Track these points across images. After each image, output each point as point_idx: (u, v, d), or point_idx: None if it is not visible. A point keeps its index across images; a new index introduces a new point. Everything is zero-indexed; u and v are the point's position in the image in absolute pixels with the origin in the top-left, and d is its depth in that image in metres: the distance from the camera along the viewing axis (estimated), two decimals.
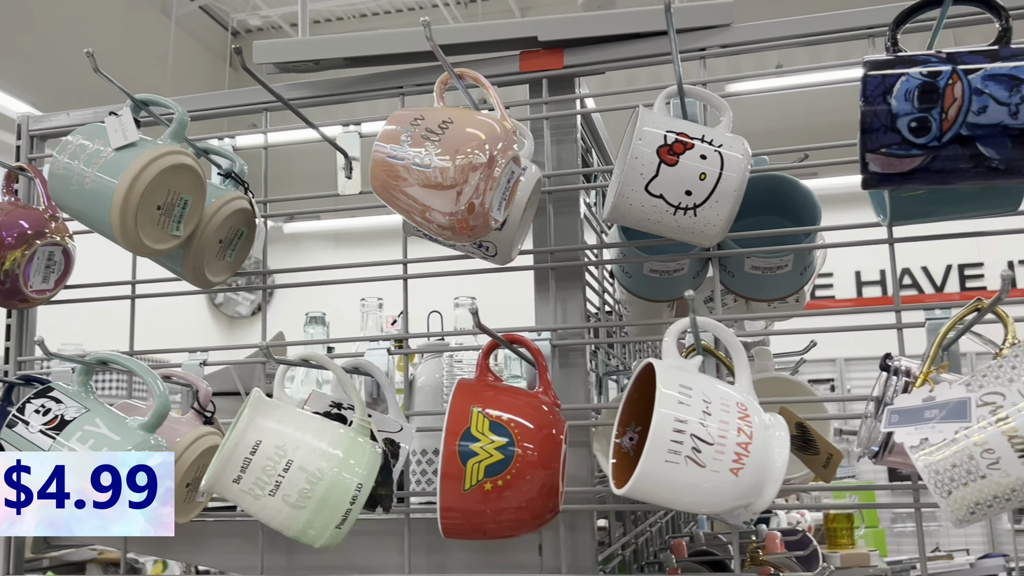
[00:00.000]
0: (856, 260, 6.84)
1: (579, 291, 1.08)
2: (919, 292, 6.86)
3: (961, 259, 6.75)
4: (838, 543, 3.23)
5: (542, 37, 1.06)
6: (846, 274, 6.91)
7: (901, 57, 0.79)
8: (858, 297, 6.90)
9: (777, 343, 1.79)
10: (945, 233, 0.95)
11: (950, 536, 6.32)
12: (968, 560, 5.24)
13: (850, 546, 3.24)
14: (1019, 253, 6.60)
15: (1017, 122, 0.74)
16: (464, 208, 0.85)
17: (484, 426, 0.84)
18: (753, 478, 0.78)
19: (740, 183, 0.90)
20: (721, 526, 2.05)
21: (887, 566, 3.67)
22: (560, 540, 1.02)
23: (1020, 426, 0.71)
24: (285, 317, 2.01)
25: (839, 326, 1.01)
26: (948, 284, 6.84)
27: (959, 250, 6.67)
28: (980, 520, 0.75)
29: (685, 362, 0.85)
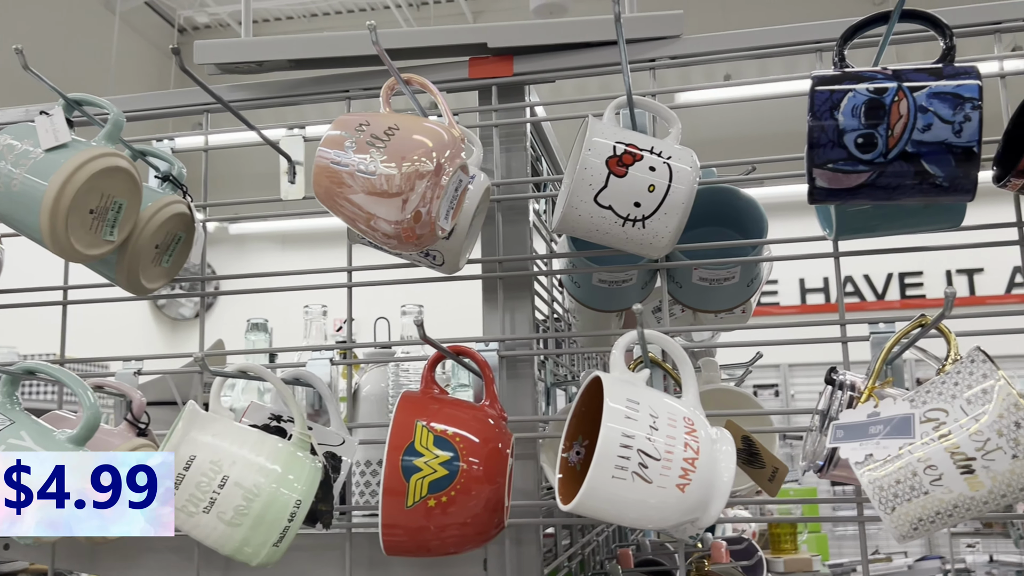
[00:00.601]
0: (800, 268, 6.96)
1: (528, 301, 1.06)
2: (861, 300, 7.01)
3: (902, 268, 6.91)
4: (781, 548, 3.27)
5: (492, 44, 1.05)
6: (790, 281, 7.03)
7: (848, 73, 0.79)
8: (802, 304, 7.02)
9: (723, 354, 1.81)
10: (888, 248, 0.96)
11: (889, 539, 6.46)
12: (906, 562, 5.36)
13: (793, 551, 3.29)
14: (957, 263, 6.79)
15: (960, 140, 0.74)
16: (410, 216, 0.83)
17: (428, 441, 0.82)
18: (700, 493, 0.78)
19: (688, 195, 0.90)
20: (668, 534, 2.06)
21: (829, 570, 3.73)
22: (506, 554, 1.01)
23: (962, 442, 0.72)
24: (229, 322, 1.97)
25: (785, 338, 1.01)
26: (889, 292, 6.99)
27: (900, 259, 6.82)
28: (923, 536, 0.75)
29: (633, 375, 0.84)
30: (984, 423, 0.71)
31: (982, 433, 0.71)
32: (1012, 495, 0.72)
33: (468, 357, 0.92)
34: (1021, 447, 0.70)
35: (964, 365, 0.75)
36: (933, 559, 5.75)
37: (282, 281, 1.16)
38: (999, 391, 0.71)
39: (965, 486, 0.72)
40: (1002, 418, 0.71)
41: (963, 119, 0.74)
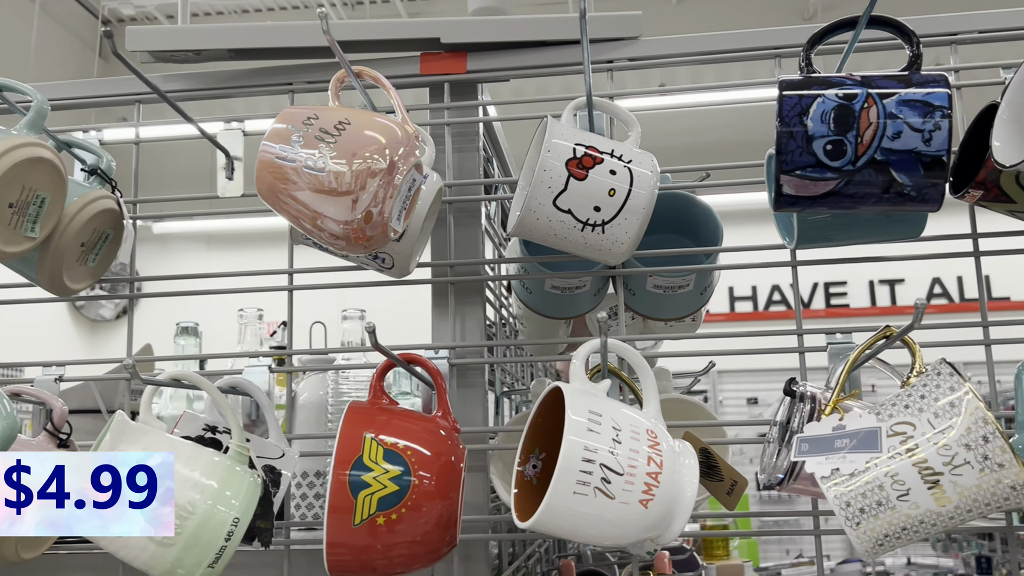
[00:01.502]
0: (728, 277, 7.08)
1: (479, 307, 1.03)
2: (788, 308, 7.16)
3: (827, 278, 7.08)
4: (714, 554, 3.29)
5: (445, 39, 1.01)
6: (719, 290, 7.11)
7: (816, 78, 0.78)
8: (731, 312, 7.14)
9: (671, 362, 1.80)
10: (845, 257, 0.95)
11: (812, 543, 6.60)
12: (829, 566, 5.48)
13: (725, 557, 3.31)
14: (879, 273, 6.99)
15: (930, 149, 0.73)
16: (361, 217, 0.79)
17: (378, 455, 0.78)
18: (663, 509, 0.75)
19: (649, 200, 0.87)
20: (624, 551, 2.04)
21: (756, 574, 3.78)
22: (454, 571, 0.96)
23: (930, 457, 0.70)
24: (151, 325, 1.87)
25: (744, 348, 1.00)
26: (814, 301, 7.16)
27: (824, 269, 6.99)
28: (888, 551, 0.74)
29: (594, 386, 0.81)
30: (952, 437, 0.70)
31: (950, 447, 0.70)
32: (978, 510, 0.71)
33: (419, 366, 0.87)
34: (989, 461, 0.69)
35: (930, 377, 0.74)
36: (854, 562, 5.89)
37: (214, 283, 1.09)
38: (967, 404, 0.70)
39: (932, 501, 0.71)
40: (970, 432, 0.70)
41: (933, 127, 0.73)
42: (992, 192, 0.88)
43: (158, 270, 1.12)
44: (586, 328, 1.34)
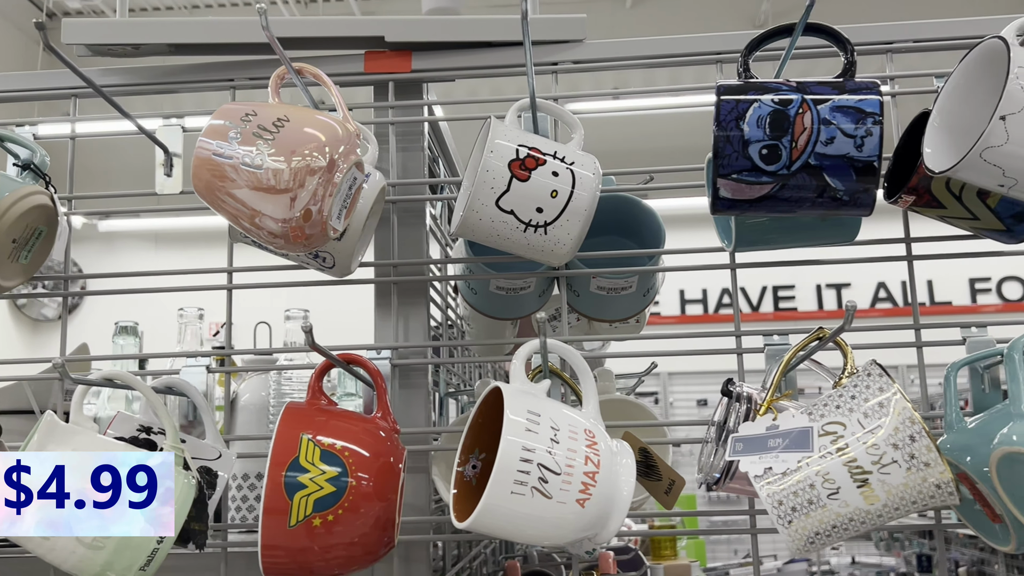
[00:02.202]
0: (680, 279, 7.15)
1: (423, 307, 1.02)
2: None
3: (775, 281, 7.20)
4: (662, 555, 3.32)
5: (389, 37, 1.00)
6: (671, 292, 7.21)
7: (754, 83, 0.79)
8: (681, 314, 7.22)
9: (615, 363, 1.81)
10: (787, 260, 0.97)
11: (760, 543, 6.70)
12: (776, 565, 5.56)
13: (673, 557, 3.34)
14: (826, 277, 7.13)
15: (862, 155, 0.75)
16: (299, 215, 0.78)
17: (315, 456, 0.77)
18: (599, 509, 0.75)
19: (591, 202, 0.88)
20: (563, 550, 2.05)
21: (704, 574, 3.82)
22: (394, 572, 0.96)
23: (859, 456, 0.72)
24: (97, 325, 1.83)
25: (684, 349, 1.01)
26: (763, 304, 7.27)
27: (773, 272, 7.11)
28: (819, 549, 0.75)
29: (534, 386, 0.81)
30: (880, 436, 0.72)
31: (878, 447, 0.72)
32: (905, 508, 0.73)
33: (359, 366, 0.87)
34: (916, 460, 0.71)
35: (861, 378, 0.76)
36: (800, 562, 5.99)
37: (156, 282, 1.07)
38: (895, 405, 0.72)
39: (861, 499, 0.72)
40: (898, 431, 0.71)
41: (865, 133, 0.75)
42: (924, 198, 0.90)
43: (103, 269, 1.09)
44: (532, 329, 1.34)
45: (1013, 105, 0.74)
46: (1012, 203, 0.87)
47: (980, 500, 0.84)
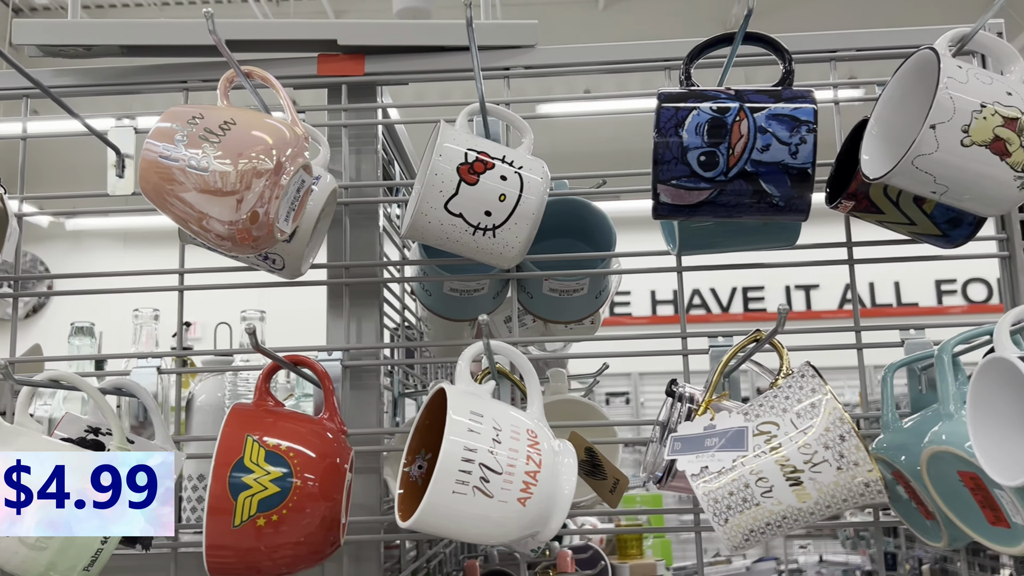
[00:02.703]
0: (651, 280, 7.21)
1: (375, 309, 1.03)
2: (707, 312, 7.32)
3: (745, 283, 7.27)
4: (628, 554, 3.34)
5: (342, 41, 1.01)
6: (642, 293, 7.27)
7: (693, 91, 0.81)
8: (652, 315, 7.27)
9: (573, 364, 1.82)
10: (730, 263, 0.99)
11: None
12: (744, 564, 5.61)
13: (639, 556, 3.37)
14: (795, 279, 7.21)
15: (796, 162, 0.77)
16: (246, 217, 0.79)
17: (259, 456, 0.78)
18: (541, 507, 0.77)
19: (539, 206, 0.89)
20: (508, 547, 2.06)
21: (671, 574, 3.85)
22: (343, 572, 0.97)
23: (791, 455, 0.74)
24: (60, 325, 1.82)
25: (631, 350, 1.03)
26: (733, 305, 7.34)
27: (743, 274, 7.17)
28: (754, 546, 0.77)
29: (478, 387, 0.82)
30: (811, 436, 0.74)
31: (810, 446, 0.73)
32: (836, 506, 0.75)
33: (306, 367, 0.88)
34: (845, 460, 0.73)
35: (795, 379, 0.77)
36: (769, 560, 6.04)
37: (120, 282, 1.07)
38: (826, 405, 0.74)
39: (793, 497, 0.74)
40: (828, 431, 0.73)
41: (799, 141, 0.77)
42: (863, 203, 0.93)
43: (70, 268, 1.09)
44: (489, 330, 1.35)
45: (943, 114, 0.77)
46: (947, 209, 0.89)
47: (914, 498, 0.87)
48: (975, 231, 0.91)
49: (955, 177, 0.79)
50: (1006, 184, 0.78)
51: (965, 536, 0.82)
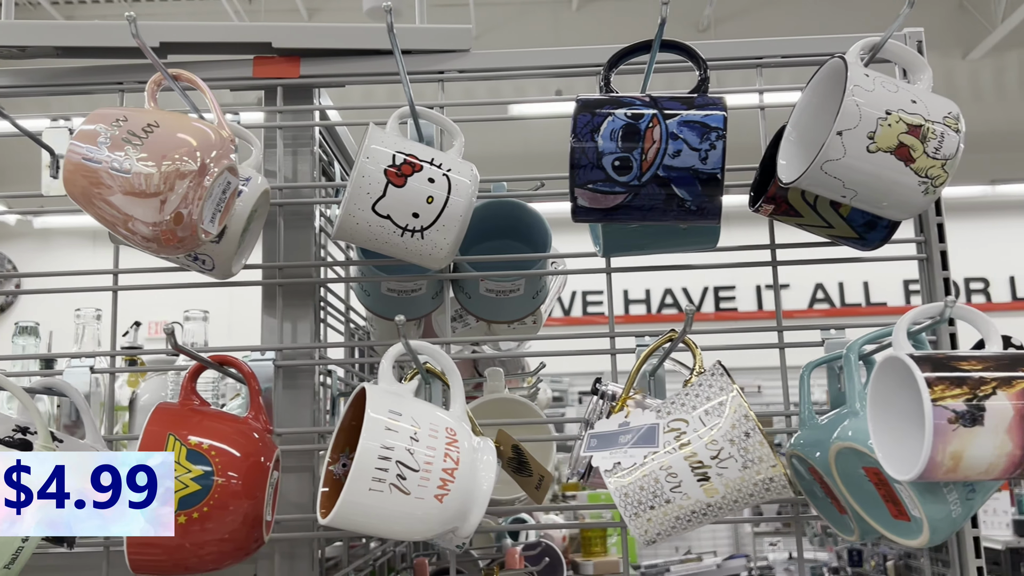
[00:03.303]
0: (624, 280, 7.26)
1: (310, 309, 1.04)
2: (679, 312, 7.38)
3: (716, 282, 7.33)
4: (592, 551, 3.37)
5: (276, 44, 1.02)
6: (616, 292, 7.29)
7: (611, 98, 0.83)
8: (625, 314, 7.32)
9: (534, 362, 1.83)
10: (658, 264, 1.01)
11: (700, 540, 6.83)
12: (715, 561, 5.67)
13: (603, 554, 3.40)
14: (766, 279, 7.28)
15: (706, 167, 0.79)
16: (170, 218, 0.80)
17: (181, 454, 0.79)
18: (459, 504, 0.78)
19: (467, 208, 0.91)
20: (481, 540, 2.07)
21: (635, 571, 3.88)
22: (275, 570, 0.98)
23: (699, 451, 0.76)
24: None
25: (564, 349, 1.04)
26: (705, 305, 7.40)
27: (714, 274, 7.25)
28: (666, 540, 0.79)
29: (401, 387, 0.84)
30: (718, 433, 0.76)
31: (716, 443, 0.76)
32: (743, 501, 0.77)
33: (232, 367, 0.89)
34: (750, 456, 0.75)
35: (705, 378, 0.80)
36: (739, 557, 6.10)
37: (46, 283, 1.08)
38: (731, 403, 0.76)
39: (702, 493, 0.76)
40: (734, 428, 0.75)
41: (709, 147, 0.79)
42: (782, 207, 0.95)
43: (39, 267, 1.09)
44: (436, 330, 1.37)
45: (849, 121, 0.79)
46: (863, 212, 0.92)
47: (829, 493, 0.90)
48: (890, 234, 0.94)
49: (863, 182, 0.81)
50: (911, 189, 0.81)
51: (873, 530, 0.84)
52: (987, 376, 0.69)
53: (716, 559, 5.67)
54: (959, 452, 0.67)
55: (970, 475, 0.69)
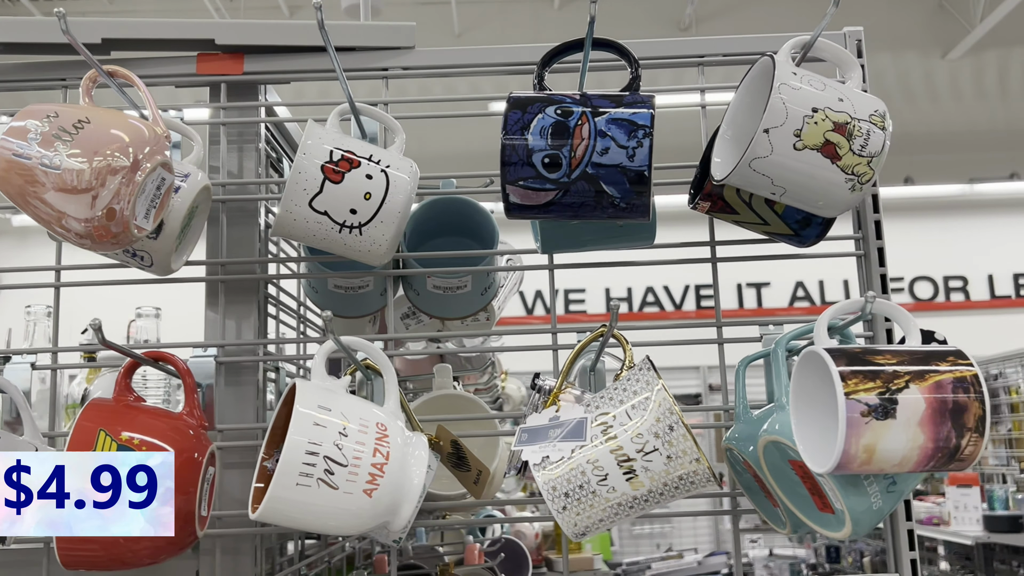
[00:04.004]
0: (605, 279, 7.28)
1: (253, 306, 1.04)
2: (660, 310, 7.41)
3: (697, 280, 7.37)
4: None
5: (219, 41, 1.02)
6: (597, 290, 7.34)
7: (541, 96, 0.83)
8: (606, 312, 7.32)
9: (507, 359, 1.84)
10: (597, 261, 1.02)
11: (682, 537, 6.86)
12: (696, 558, 5.69)
13: (577, 550, 3.42)
14: (746, 277, 7.33)
15: (633, 164, 0.80)
16: (101, 214, 0.80)
17: (111, 450, 0.79)
18: (389, 498, 0.79)
19: (405, 204, 0.91)
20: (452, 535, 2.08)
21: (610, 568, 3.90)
22: (216, 565, 0.98)
23: (625, 444, 0.77)
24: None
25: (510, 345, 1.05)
26: (686, 303, 7.43)
27: (696, 272, 7.29)
28: (595, 534, 0.80)
29: (334, 382, 0.84)
30: (643, 427, 0.76)
31: (642, 436, 0.76)
32: (669, 494, 0.78)
33: (167, 362, 0.89)
34: (674, 449, 0.76)
35: (633, 373, 0.80)
36: (720, 554, 6.14)
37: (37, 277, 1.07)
38: (656, 396, 0.77)
39: (627, 486, 0.77)
40: (659, 422, 0.76)
41: (636, 145, 0.79)
42: (718, 204, 0.96)
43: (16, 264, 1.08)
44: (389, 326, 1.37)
45: (776, 119, 0.80)
46: (797, 209, 0.93)
47: (762, 487, 0.91)
48: (825, 231, 0.95)
49: (790, 179, 0.82)
50: (838, 186, 0.82)
51: (803, 523, 0.85)
52: (901, 370, 0.70)
53: (697, 556, 5.71)
54: (872, 445, 0.68)
55: (884, 467, 0.70)
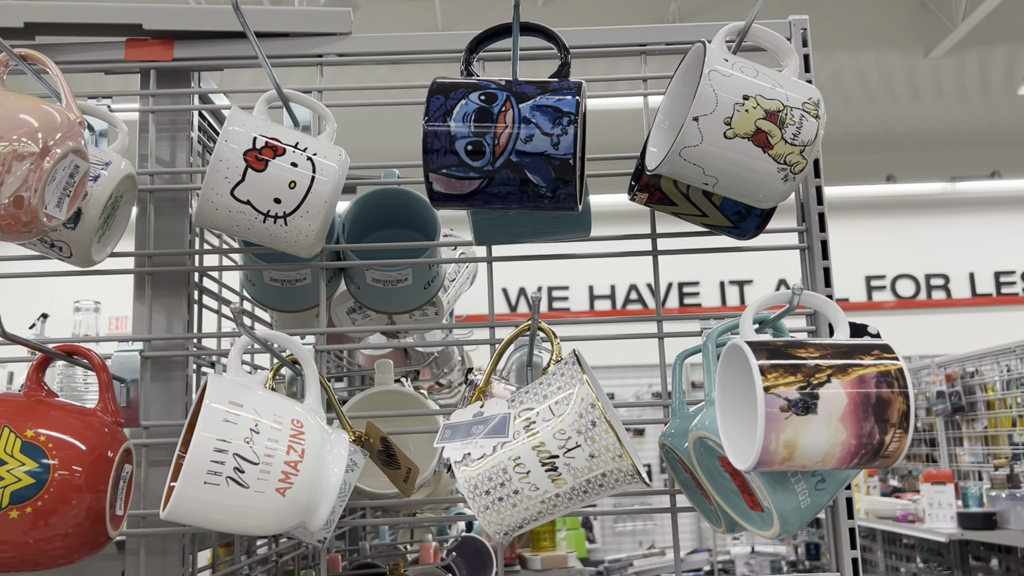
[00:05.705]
0: (589, 275, 7.27)
1: (183, 299, 1.01)
2: (644, 307, 7.40)
3: (680, 278, 7.36)
4: (541, 546, 3.36)
5: (147, 26, 0.99)
6: (581, 287, 7.33)
7: (465, 82, 0.81)
8: (590, 309, 7.34)
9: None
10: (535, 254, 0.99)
11: (664, 534, 6.85)
12: None
13: (552, 548, 3.39)
14: (729, 274, 7.33)
15: (558, 152, 0.77)
16: (8, 202, 0.77)
17: (14, 447, 0.76)
18: (305, 497, 0.76)
19: (333, 193, 0.88)
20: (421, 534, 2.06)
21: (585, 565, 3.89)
22: (141, 565, 0.95)
23: (547, 441, 0.74)
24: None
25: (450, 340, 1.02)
26: (669, 300, 7.42)
27: (679, 269, 7.28)
28: (519, 533, 0.78)
29: (249, 378, 0.81)
30: (566, 423, 0.74)
31: (564, 432, 0.74)
32: (593, 491, 0.75)
33: (81, 356, 0.86)
34: (596, 445, 0.73)
35: (559, 367, 0.78)
36: (702, 551, 6.14)
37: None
38: (579, 392, 0.74)
39: (550, 483, 0.74)
40: (581, 417, 0.74)
41: (560, 132, 0.77)
42: (656, 195, 0.94)
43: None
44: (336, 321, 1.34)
45: (705, 106, 0.78)
46: (735, 201, 0.91)
47: (698, 485, 0.88)
48: (764, 223, 0.93)
49: (722, 168, 0.80)
50: (770, 176, 0.80)
51: (735, 521, 0.83)
52: (823, 364, 0.67)
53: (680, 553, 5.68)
54: (792, 441, 0.66)
55: (807, 464, 0.68)
